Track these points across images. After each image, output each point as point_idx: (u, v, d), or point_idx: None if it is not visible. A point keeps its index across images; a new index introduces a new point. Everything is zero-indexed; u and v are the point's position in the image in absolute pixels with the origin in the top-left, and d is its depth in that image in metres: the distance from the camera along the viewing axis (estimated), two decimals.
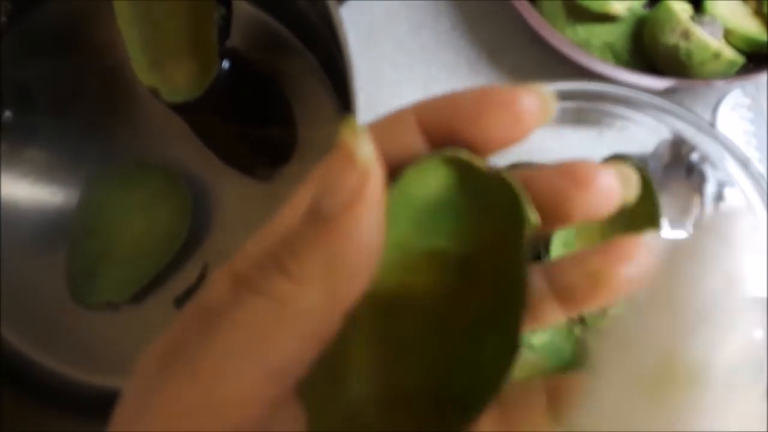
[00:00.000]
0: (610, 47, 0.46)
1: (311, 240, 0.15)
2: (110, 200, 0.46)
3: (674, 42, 0.42)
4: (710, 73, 0.44)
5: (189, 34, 0.41)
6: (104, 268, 0.45)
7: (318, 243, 0.15)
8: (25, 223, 0.47)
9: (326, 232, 0.15)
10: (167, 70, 0.40)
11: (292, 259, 0.15)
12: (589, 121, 0.45)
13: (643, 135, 0.44)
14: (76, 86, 0.49)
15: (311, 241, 0.15)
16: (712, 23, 0.43)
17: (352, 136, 0.15)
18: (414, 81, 0.49)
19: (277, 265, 0.15)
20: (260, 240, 0.17)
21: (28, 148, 0.48)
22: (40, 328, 0.46)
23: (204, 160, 0.46)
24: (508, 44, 0.49)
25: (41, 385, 0.45)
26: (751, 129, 0.48)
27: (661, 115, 0.40)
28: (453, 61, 0.49)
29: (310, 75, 0.47)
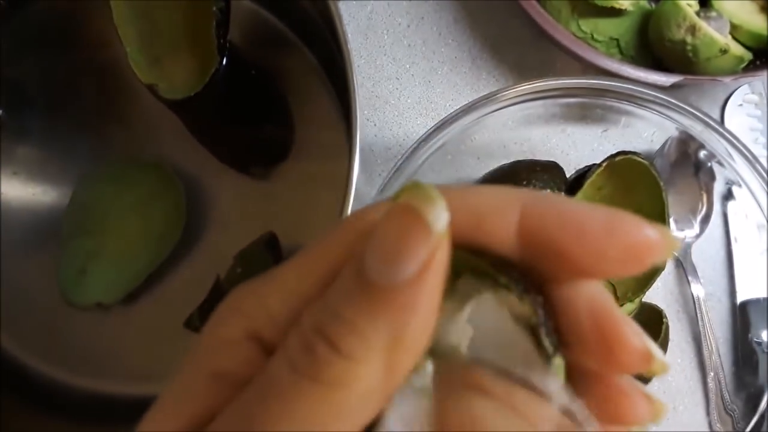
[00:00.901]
0: (615, 42, 0.45)
1: (369, 312, 0.14)
2: (103, 199, 0.45)
3: (680, 37, 0.42)
4: (717, 70, 0.43)
5: (187, 30, 0.40)
6: (95, 267, 0.44)
7: (378, 316, 0.14)
8: (17, 222, 0.47)
9: (388, 303, 0.14)
10: (165, 67, 0.40)
11: (350, 334, 0.14)
12: (595, 118, 0.44)
13: (649, 132, 0.43)
14: (69, 84, 0.48)
15: (369, 314, 0.14)
16: (719, 19, 0.43)
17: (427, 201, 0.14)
18: (415, 76, 0.48)
19: (329, 341, 0.14)
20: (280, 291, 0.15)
21: (20, 145, 0.48)
22: (31, 329, 0.46)
23: (199, 158, 0.46)
24: (511, 38, 0.48)
25: (32, 387, 0.45)
26: (759, 126, 0.47)
27: (668, 111, 0.39)
28: (455, 55, 0.48)
29: (308, 72, 0.47)
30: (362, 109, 0.47)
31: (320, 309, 0.14)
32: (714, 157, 0.40)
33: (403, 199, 0.14)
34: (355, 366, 0.14)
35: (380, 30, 0.49)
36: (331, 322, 0.14)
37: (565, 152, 0.47)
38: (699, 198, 0.44)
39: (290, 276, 0.16)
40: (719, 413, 0.43)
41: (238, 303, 0.16)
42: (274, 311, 0.15)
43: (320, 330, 0.14)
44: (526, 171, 0.40)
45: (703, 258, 0.45)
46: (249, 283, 0.16)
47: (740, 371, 0.44)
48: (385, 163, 0.47)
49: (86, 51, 0.48)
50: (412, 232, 0.14)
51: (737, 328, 0.44)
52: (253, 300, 0.16)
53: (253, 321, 0.15)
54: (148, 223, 0.45)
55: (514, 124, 0.43)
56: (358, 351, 0.14)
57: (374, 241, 0.14)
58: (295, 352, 0.14)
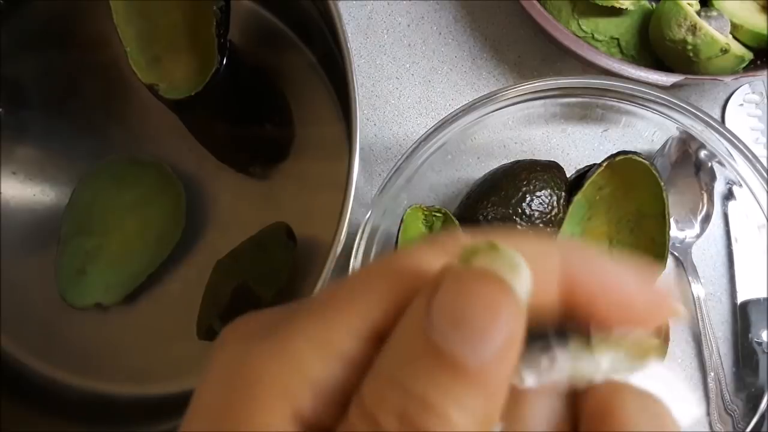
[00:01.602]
0: (616, 42, 0.45)
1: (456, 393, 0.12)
2: (103, 199, 0.45)
3: (681, 37, 0.42)
4: (717, 69, 0.43)
5: (187, 30, 0.40)
6: (95, 267, 0.44)
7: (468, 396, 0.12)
8: (16, 222, 0.47)
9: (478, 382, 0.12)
10: (165, 67, 0.40)
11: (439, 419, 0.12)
12: (595, 118, 0.44)
13: (650, 131, 0.43)
14: (68, 83, 0.48)
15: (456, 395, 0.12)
16: (720, 18, 0.42)
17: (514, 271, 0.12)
18: (415, 75, 0.48)
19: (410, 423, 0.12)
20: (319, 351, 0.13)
21: (19, 145, 0.47)
22: (30, 330, 0.46)
23: (199, 158, 0.45)
24: (511, 38, 0.48)
25: (31, 387, 0.45)
26: (760, 126, 0.47)
27: (668, 111, 0.39)
28: (455, 54, 0.48)
29: (308, 71, 0.46)
30: (362, 109, 0.47)
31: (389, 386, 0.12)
32: (715, 156, 0.40)
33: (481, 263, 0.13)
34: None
35: (380, 29, 0.49)
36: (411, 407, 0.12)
37: (566, 152, 0.46)
38: (699, 198, 0.44)
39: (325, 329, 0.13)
40: (719, 413, 0.43)
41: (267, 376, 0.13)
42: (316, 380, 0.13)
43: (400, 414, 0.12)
44: (527, 171, 0.40)
45: (703, 258, 0.45)
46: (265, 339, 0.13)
47: (740, 371, 0.43)
48: (385, 163, 0.47)
49: (86, 50, 0.48)
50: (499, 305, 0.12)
51: (737, 328, 0.44)
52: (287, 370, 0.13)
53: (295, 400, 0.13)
54: (147, 223, 0.45)
55: (515, 124, 0.43)
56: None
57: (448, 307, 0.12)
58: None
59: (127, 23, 0.39)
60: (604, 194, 0.41)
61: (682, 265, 0.45)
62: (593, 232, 0.42)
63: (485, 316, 0.12)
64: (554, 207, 0.39)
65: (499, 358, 0.12)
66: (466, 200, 0.41)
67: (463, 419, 0.12)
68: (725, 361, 0.44)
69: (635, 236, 0.41)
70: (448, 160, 0.41)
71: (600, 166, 0.40)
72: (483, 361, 0.12)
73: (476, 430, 0.12)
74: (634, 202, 0.41)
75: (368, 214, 0.37)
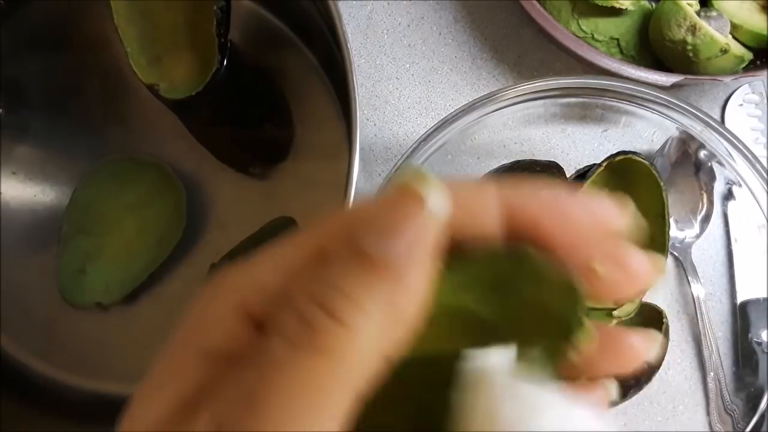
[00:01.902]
0: (615, 42, 0.45)
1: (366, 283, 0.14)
2: (103, 198, 0.45)
3: (681, 37, 0.42)
4: (717, 69, 0.43)
5: (188, 30, 0.40)
6: (95, 267, 0.44)
7: (374, 287, 0.14)
8: (16, 222, 0.47)
9: (384, 276, 0.14)
10: (166, 67, 0.40)
11: (348, 305, 0.14)
12: (595, 118, 0.44)
13: (650, 132, 0.43)
14: (69, 83, 0.48)
15: (367, 285, 0.14)
16: (719, 18, 0.43)
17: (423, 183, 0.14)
18: (415, 75, 0.48)
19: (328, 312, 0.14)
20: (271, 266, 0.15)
21: (19, 145, 0.48)
22: (30, 329, 0.46)
23: (199, 157, 0.46)
24: (511, 38, 0.48)
25: (31, 387, 0.45)
26: (760, 126, 0.47)
27: (668, 111, 0.39)
28: (455, 54, 0.48)
29: (308, 71, 0.46)
30: (362, 109, 0.47)
31: (315, 281, 0.15)
32: (714, 157, 0.40)
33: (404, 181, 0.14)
34: (354, 335, 0.14)
35: (380, 29, 0.49)
36: (329, 294, 0.14)
37: (565, 152, 0.46)
38: (699, 198, 0.44)
39: (281, 250, 0.16)
40: (719, 413, 0.43)
41: (226, 278, 0.16)
42: (264, 283, 0.15)
43: (318, 301, 0.14)
44: (526, 171, 0.40)
45: (703, 258, 0.45)
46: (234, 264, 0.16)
47: (740, 371, 0.43)
48: (385, 163, 0.47)
49: (86, 50, 0.48)
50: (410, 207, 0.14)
51: (737, 328, 0.44)
52: (242, 273, 0.16)
53: (243, 295, 0.15)
54: (147, 223, 0.45)
55: (514, 124, 0.43)
56: (358, 320, 0.14)
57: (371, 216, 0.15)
58: (291, 326, 0.14)
59: (128, 23, 0.39)
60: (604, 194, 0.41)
61: (682, 265, 0.45)
62: None
63: (395, 217, 0.14)
64: None
65: (405, 254, 0.14)
66: None
67: (373, 305, 0.14)
68: (725, 360, 0.44)
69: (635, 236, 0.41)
70: (448, 160, 0.41)
71: (600, 166, 0.40)
72: (391, 255, 0.14)
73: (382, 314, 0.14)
74: (634, 202, 0.41)
75: None
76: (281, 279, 0.15)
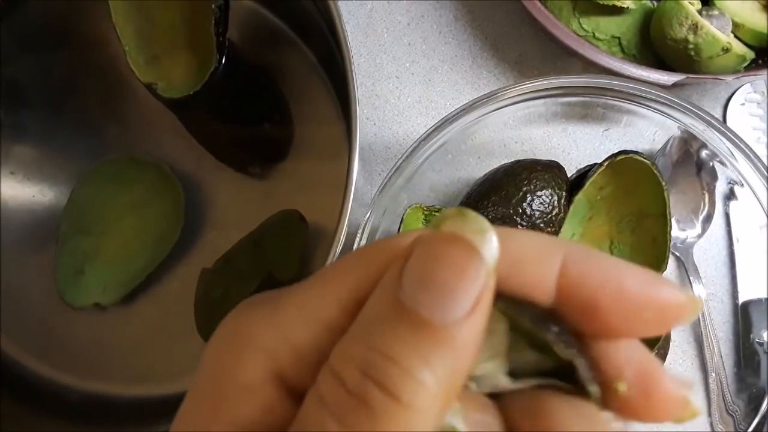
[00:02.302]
0: (617, 41, 0.45)
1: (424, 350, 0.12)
2: (101, 198, 0.45)
3: (683, 36, 0.41)
4: (719, 69, 0.43)
5: (186, 28, 0.40)
6: (93, 267, 0.44)
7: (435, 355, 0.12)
8: (14, 222, 0.46)
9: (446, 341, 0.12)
10: (164, 66, 0.40)
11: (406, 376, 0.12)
12: (596, 117, 0.44)
13: (651, 131, 0.43)
14: (67, 82, 0.48)
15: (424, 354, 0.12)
16: (721, 17, 0.42)
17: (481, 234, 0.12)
18: (415, 74, 0.48)
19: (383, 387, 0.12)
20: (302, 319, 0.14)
21: (17, 144, 0.47)
22: (29, 330, 0.45)
23: (197, 157, 0.45)
24: (512, 37, 0.48)
25: (29, 388, 0.45)
26: (761, 126, 0.47)
27: (670, 110, 0.39)
28: (455, 53, 0.48)
29: (307, 70, 0.46)
30: (362, 108, 0.47)
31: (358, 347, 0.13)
32: (716, 156, 0.40)
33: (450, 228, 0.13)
34: (413, 414, 0.12)
35: (380, 28, 0.48)
36: (381, 364, 0.12)
37: (567, 151, 0.46)
38: (701, 198, 0.44)
39: (314, 299, 0.14)
40: (721, 414, 0.42)
41: (255, 336, 0.14)
42: (299, 344, 0.14)
43: (367, 373, 0.12)
44: (527, 170, 0.40)
45: (704, 258, 0.45)
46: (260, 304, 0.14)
47: (742, 372, 0.43)
48: (384, 163, 0.47)
49: (84, 49, 0.48)
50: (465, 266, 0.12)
51: (739, 328, 0.44)
52: (272, 331, 0.14)
53: (276, 359, 0.14)
54: (146, 222, 0.44)
55: (515, 123, 0.43)
56: (417, 397, 0.12)
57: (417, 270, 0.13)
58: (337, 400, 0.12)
59: (126, 22, 0.39)
60: (605, 194, 0.41)
61: (684, 265, 0.44)
62: (594, 232, 0.42)
63: (452, 276, 0.12)
64: (555, 207, 0.39)
65: (466, 317, 0.12)
66: (467, 200, 0.41)
67: (428, 375, 0.12)
68: (726, 361, 0.43)
69: (636, 236, 0.41)
70: (449, 159, 0.41)
71: (601, 165, 0.40)
72: (450, 319, 0.12)
73: (441, 387, 0.12)
74: (636, 201, 0.41)
75: (368, 214, 0.37)
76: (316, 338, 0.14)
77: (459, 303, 0.12)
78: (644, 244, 0.41)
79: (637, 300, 0.14)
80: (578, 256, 0.15)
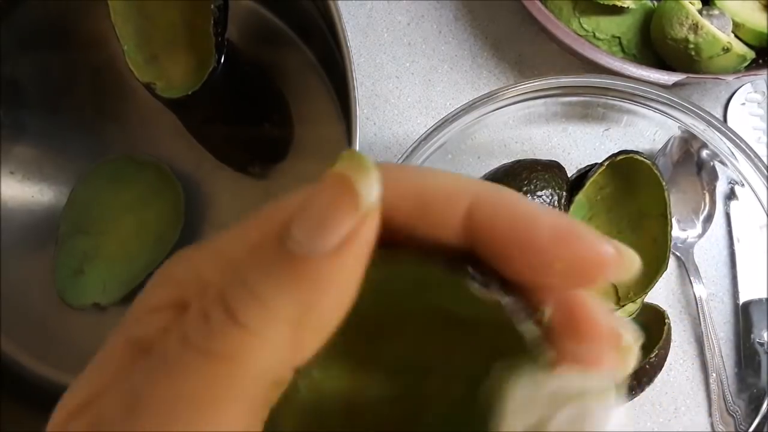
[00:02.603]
0: (617, 41, 0.45)
1: (278, 282, 0.12)
2: (100, 198, 0.45)
3: (683, 36, 0.41)
4: (719, 68, 0.43)
5: (185, 28, 0.40)
6: (92, 267, 0.44)
7: (287, 286, 0.12)
8: (14, 222, 0.46)
9: (300, 275, 0.12)
10: (163, 65, 0.40)
11: (251, 303, 0.12)
12: (596, 117, 0.44)
13: (651, 131, 0.43)
14: (66, 82, 0.48)
15: (278, 283, 0.12)
16: (721, 17, 0.42)
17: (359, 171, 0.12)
18: (415, 74, 0.48)
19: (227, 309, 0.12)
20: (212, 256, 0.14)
21: (17, 144, 0.47)
22: (28, 330, 0.45)
23: (197, 157, 0.45)
24: (512, 36, 0.48)
25: (29, 388, 0.45)
26: (762, 125, 0.47)
27: (670, 110, 0.39)
28: (455, 53, 0.48)
29: (307, 70, 0.46)
30: (362, 108, 0.47)
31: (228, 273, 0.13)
32: (717, 156, 0.40)
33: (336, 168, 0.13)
34: (251, 339, 0.12)
35: (380, 28, 0.48)
36: (234, 289, 0.13)
37: (567, 151, 0.46)
38: (701, 197, 0.44)
39: (224, 242, 0.15)
40: (721, 414, 0.42)
41: (170, 269, 0.15)
42: (206, 278, 0.14)
43: (222, 297, 0.13)
44: (527, 170, 0.40)
45: (705, 258, 0.45)
46: (186, 249, 0.15)
47: (743, 372, 0.43)
48: None
49: (83, 49, 0.48)
50: (338, 202, 0.12)
51: (740, 328, 0.44)
52: (185, 266, 0.15)
53: (183, 288, 0.14)
54: (145, 222, 0.44)
55: (515, 123, 0.43)
56: (257, 322, 0.12)
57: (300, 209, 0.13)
58: (191, 324, 0.13)
59: (125, 21, 0.39)
60: (606, 194, 0.41)
61: (684, 265, 0.44)
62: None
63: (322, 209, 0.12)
64: (555, 207, 0.39)
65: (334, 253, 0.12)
66: None
67: (276, 301, 0.12)
68: (727, 361, 0.43)
69: (637, 236, 0.41)
70: (449, 159, 0.41)
71: (601, 165, 0.39)
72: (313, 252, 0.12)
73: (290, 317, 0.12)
74: (636, 201, 0.41)
75: None
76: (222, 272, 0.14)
77: (326, 236, 0.12)
78: (645, 244, 0.41)
79: (547, 250, 0.13)
80: (489, 198, 0.14)
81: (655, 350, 0.39)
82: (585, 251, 0.13)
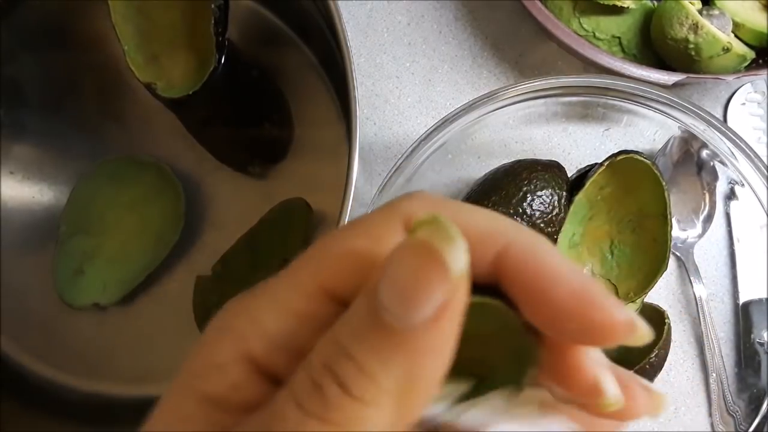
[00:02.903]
0: (617, 41, 0.45)
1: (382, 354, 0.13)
2: (101, 198, 0.45)
3: (683, 36, 0.41)
4: (719, 68, 0.43)
5: (185, 28, 0.40)
6: (92, 267, 0.44)
7: (391, 359, 0.13)
8: (14, 222, 0.46)
9: (402, 347, 0.13)
10: (163, 65, 0.40)
11: (361, 376, 0.13)
12: (596, 117, 0.44)
13: (651, 131, 0.43)
14: (66, 82, 0.48)
15: (382, 356, 0.13)
16: (721, 17, 0.42)
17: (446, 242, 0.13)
18: (415, 74, 0.48)
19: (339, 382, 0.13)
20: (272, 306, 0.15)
21: (17, 144, 0.47)
22: (28, 330, 0.45)
23: (197, 157, 0.45)
24: (512, 37, 0.48)
25: (29, 388, 0.45)
26: (762, 125, 0.47)
27: (670, 110, 0.39)
28: (455, 53, 0.48)
29: (307, 70, 0.46)
30: (362, 108, 0.47)
31: (330, 345, 0.14)
32: (717, 156, 0.40)
33: (420, 236, 0.13)
34: (365, 409, 0.13)
35: (380, 28, 0.48)
36: (341, 362, 0.13)
37: (567, 151, 0.46)
38: (701, 197, 0.44)
39: (284, 290, 0.15)
40: (721, 414, 0.42)
41: (229, 321, 0.15)
42: (269, 330, 0.15)
43: (330, 369, 0.13)
44: (527, 170, 0.40)
45: (705, 258, 0.45)
46: (241, 297, 0.16)
47: (743, 372, 0.43)
48: (384, 163, 0.47)
49: (83, 49, 0.48)
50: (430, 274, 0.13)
51: (740, 328, 0.44)
52: (245, 318, 0.15)
53: (246, 341, 0.15)
54: (146, 222, 0.44)
55: (515, 123, 0.43)
56: (369, 394, 0.13)
57: (388, 279, 0.13)
58: (302, 389, 0.14)
59: (125, 21, 0.39)
60: (606, 194, 0.41)
61: (684, 265, 0.44)
62: (594, 232, 0.42)
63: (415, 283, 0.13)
64: (555, 207, 0.39)
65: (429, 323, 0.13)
66: (467, 200, 0.41)
67: (382, 374, 0.13)
68: (727, 361, 0.43)
69: (637, 236, 0.41)
70: (449, 159, 0.41)
71: (601, 165, 0.39)
72: (410, 325, 0.13)
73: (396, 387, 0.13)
74: (636, 201, 0.41)
75: None
76: (286, 326, 0.15)
77: (420, 309, 0.13)
78: (645, 244, 0.41)
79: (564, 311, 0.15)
80: (521, 246, 0.15)
81: (655, 350, 0.39)
82: (600, 318, 0.15)
